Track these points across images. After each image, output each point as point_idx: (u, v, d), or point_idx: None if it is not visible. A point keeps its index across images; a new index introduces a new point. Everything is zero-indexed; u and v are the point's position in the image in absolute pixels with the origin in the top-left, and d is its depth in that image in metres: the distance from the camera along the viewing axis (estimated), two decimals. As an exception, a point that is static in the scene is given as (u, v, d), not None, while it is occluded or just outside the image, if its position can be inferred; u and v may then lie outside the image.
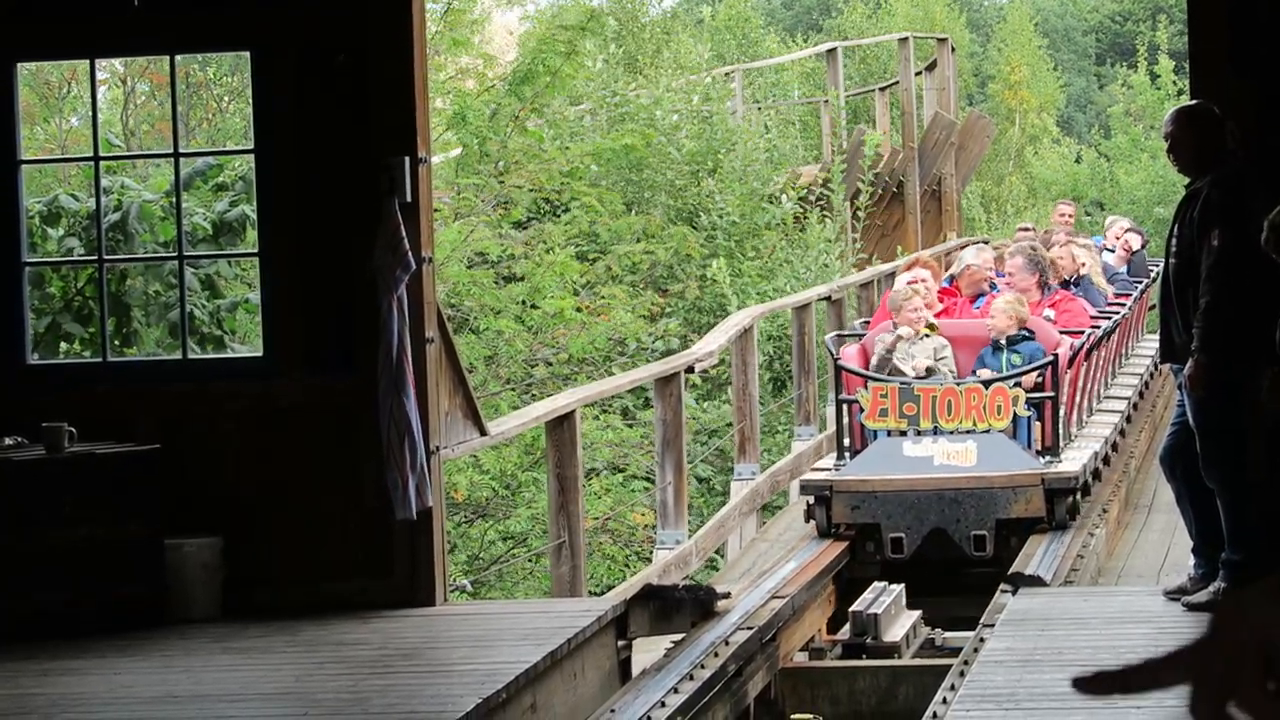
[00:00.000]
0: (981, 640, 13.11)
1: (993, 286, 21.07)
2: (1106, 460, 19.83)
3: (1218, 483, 12.80)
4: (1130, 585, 15.76)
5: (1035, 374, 17.73)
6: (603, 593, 16.00)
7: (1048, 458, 17.49)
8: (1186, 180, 13.01)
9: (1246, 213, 11.85)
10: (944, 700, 12.26)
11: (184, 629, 13.69)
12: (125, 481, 13.81)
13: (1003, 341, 18.14)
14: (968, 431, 17.10)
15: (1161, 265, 13.59)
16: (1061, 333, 19.28)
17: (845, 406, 18.11)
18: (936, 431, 17.22)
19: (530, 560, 24.33)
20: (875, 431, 17.68)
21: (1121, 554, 18.81)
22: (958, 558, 17.08)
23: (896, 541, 16.79)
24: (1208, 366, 12.51)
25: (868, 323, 21.47)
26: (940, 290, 20.76)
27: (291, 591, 14.11)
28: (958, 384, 17.59)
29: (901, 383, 17.44)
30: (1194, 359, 12.60)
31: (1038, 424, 17.74)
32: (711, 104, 36.36)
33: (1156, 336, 26.37)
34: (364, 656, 12.87)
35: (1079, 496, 17.50)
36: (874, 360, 18.18)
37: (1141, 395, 24.81)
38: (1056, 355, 18.00)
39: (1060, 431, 18.10)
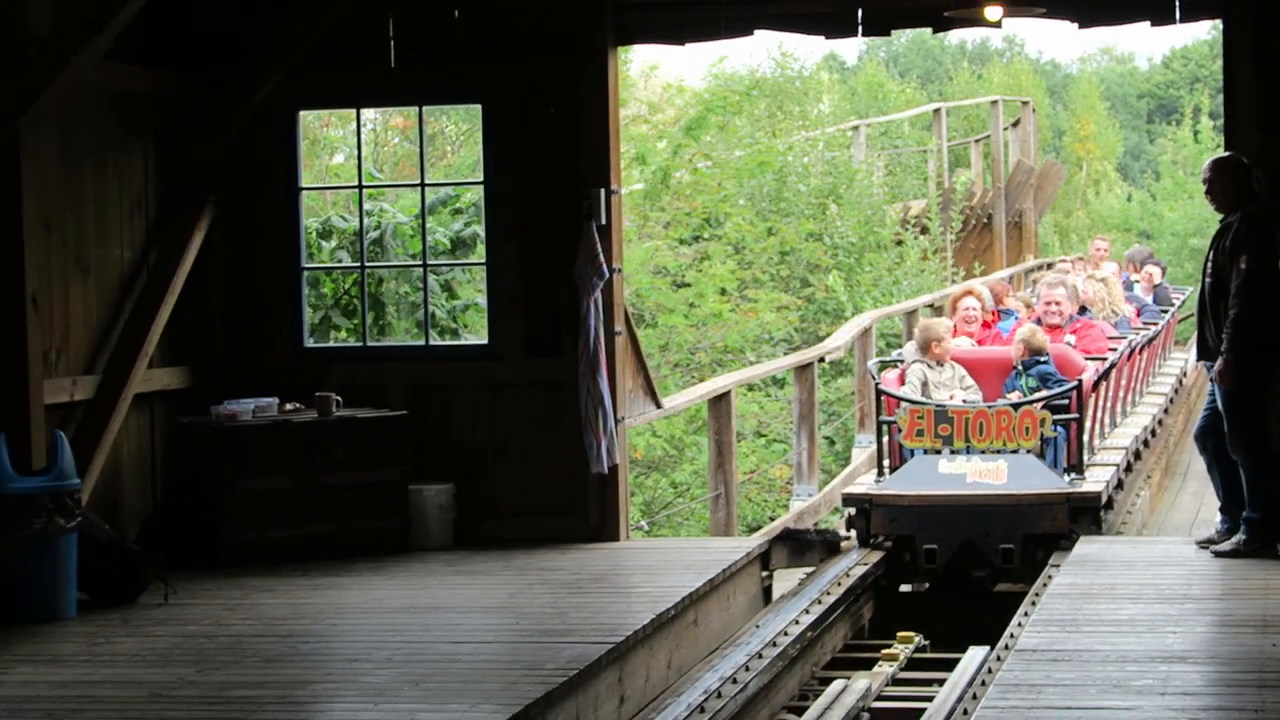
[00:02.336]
0: (1049, 577, 13.04)
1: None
2: (1129, 467, 17.99)
3: (1241, 456, 12.70)
4: (1168, 536, 15.65)
5: (1061, 396, 16.17)
6: (750, 533, 15.95)
7: (1073, 475, 15.75)
8: (1220, 216, 12.89)
9: (1270, 243, 11.75)
10: (1019, 624, 12.18)
11: (423, 555, 13.77)
12: (379, 439, 13.90)
13: (1020, 366, 16.69)
14: (998, 451, 15.45)
15: (1198, 284, 13.44)
16: (1087, 359, 17.85)
17: (885, 427, 16.38)
18: (969, 451, 15.55)
19: (693, 506, 24.30)
20: (912, 450, 15.91)
21: (1161, 511, 18.70)
22: (987, 570, 15.40)
23: (930, 553, 15.24)
24: (1235, 364, 12.42)
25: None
26: (984, 320, 18.93)
27: (507, 527, 14.17)
28: (989, 407, 15.92)
29: (937, 405, 15.95)
30: (1224, 358, 12.51)
31: (1065, 444, 16.05)
32: (835, 150, 36.28)
33: (1183, 350, 26.29)
34: (563, 579, 12.89)
35: (1102, 512, 15.75)
36: (906, 388, 16.50)
37: (1175, 394, 24.22)
38: (1080, 380, 16.44)
39: (1084, 451, 16.32)
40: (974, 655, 12.95)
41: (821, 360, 19.63)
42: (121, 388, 13.01)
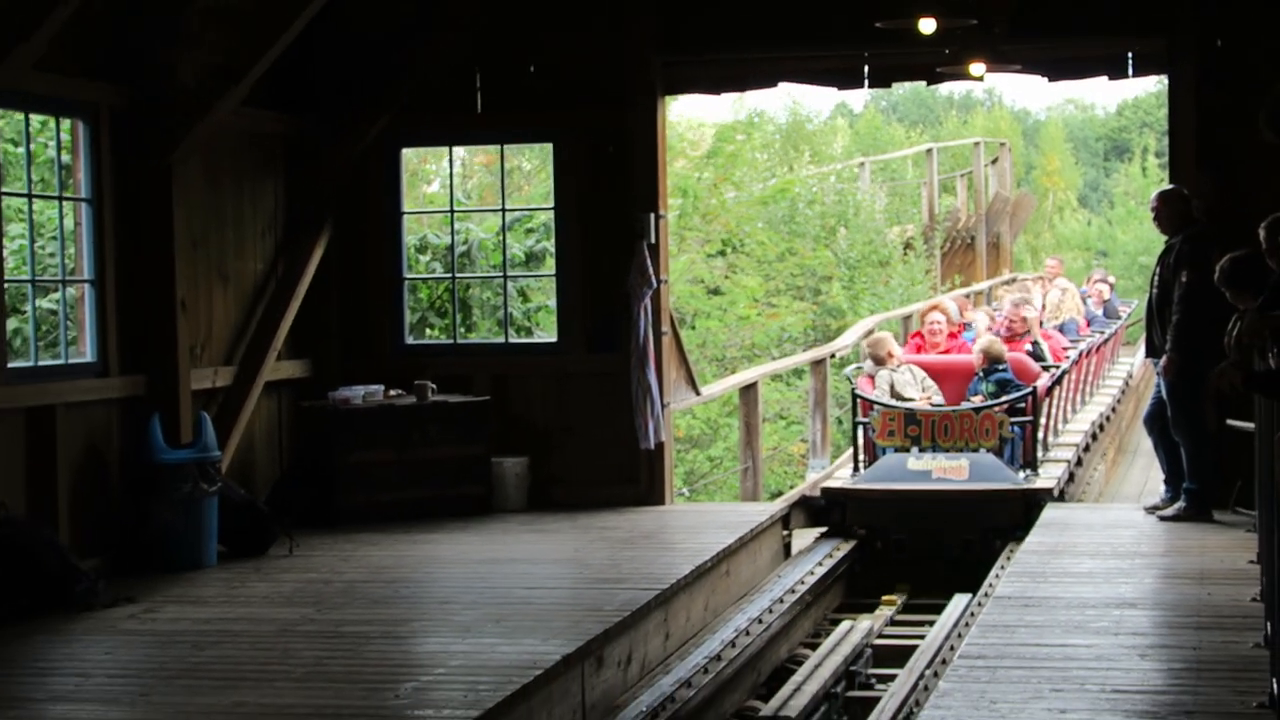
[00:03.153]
0: (1021, 537, 13.02)
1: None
2: (1080, 461, 17.07)
3: (1183, 438, 12.67)
4: (1121, 504, 15.60)
5: (1018, 400, 15.29)
6: (772, 499, 15.93)
7: (1028, 472, 14.97)
8: (1165, 238, 12.88)
9: (1206, 261, 11.73)
10: (997, 575, 12.19)
11: (502, 516, 13.78)
12: (466, 420, 13.92)
13: (981, 373, 15.98)
14: (961, 450, 14.73)
15: (1145, 294, 13.41)
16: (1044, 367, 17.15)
17: (860, 428, 15.55)
18: (935, 449, 14.88)
19: (725, 476, 24.30)
20: (884, 448, 15.20)
21: (1115, 483, 18.67)
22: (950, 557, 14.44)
23: (899, 543, 14.47)
24: (1178, 361, 12.40)
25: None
26: (950, 332, 17.95)
27: (572, 493, 14.17)
28: (953, 410, 15.28)
29: (907, 408, 15.30)
30: (1168, 355, 12.50)
31: (1021, 443, 15.18)
32: (844, 183, 36.26)
33: (1132, 351, 26.15)
34: (618, 537, 12.90)
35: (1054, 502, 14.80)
36: (876, 391, 15.84)
37: (1126, 388, 23.85)
38: (1035, 387, 15.61)
39: (1039, 448, 15.53)
40: (958, 601, 12.98)
41: (832, 356, 19.53)
42: (254, 377, 13.07)
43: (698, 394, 15.75)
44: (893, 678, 11.74)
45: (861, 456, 15.37)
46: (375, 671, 8.78)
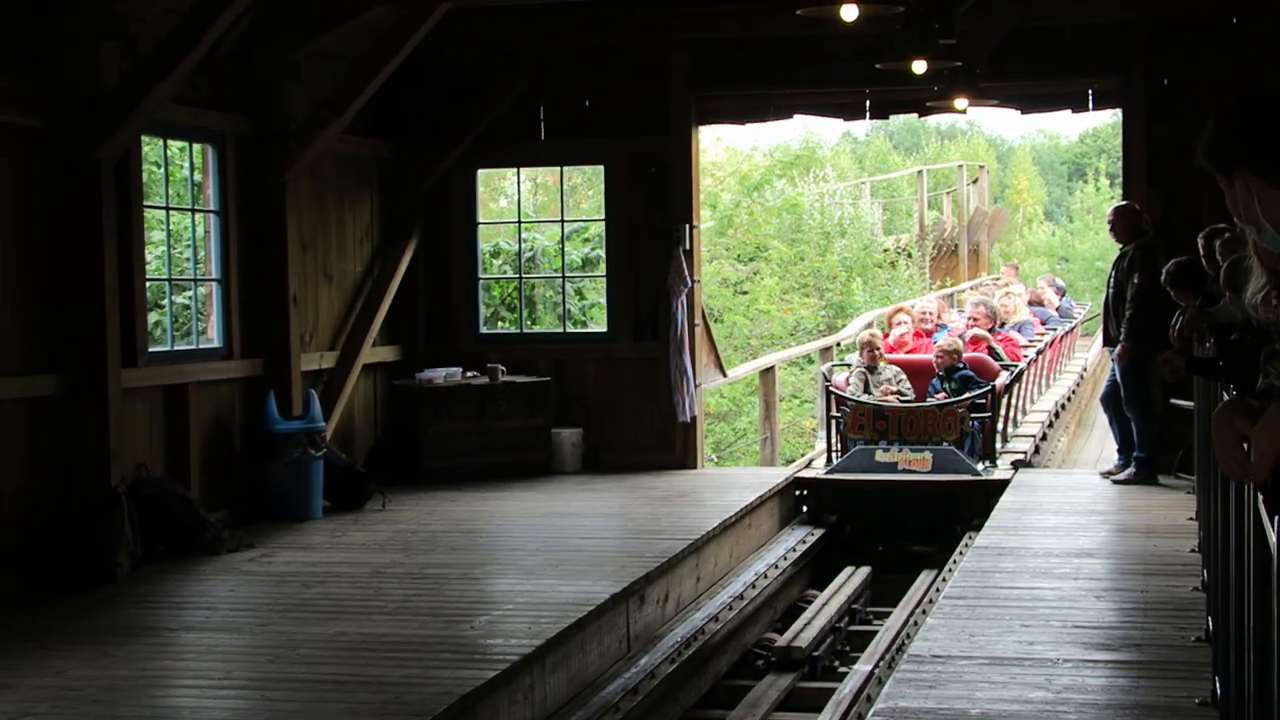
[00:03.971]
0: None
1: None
2: (1038, 449, 15.67)
3: (1134, 414, 12.61)
4: (1080, 469, 15.49)
5: (981, 396, 14.11)
6: (787, 465, 15.89)
7: (986, 463, 13.77)
8: (1120, 246, 12.80)
9: (1154, 266, 11.67)
10: (974, 529, 12.12)
11: (560, 478, 13.76)
12: (530, 397, 13.92)
13: (942, 372, 14.67)
14: (924, 443, 13.64)
15: (1103, 294, 13.30)
16: (1002, 367, 15.51)
17: (833, 421, 14.34)
18: (901, 442, 13.73)
19: (748, 445, 24.31)
20: (855, 441, 13.95)
21: (1075, 451, 18.54)
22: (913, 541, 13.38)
23: (869, 530, 13.45)
24: (1130, 350, 12.34)
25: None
26: (916, 332, 16.91)
27: (619, 459, 14.16)
28: (918, 406, 14.16)
29: (876, 404, 14.15)
30: (1122, 345, 12.43)
31: (980, 437, 14.04)
32: (850, 198, 36.19)
33: (1089, 343, 25.97)
34: (657, 495, 12.89)
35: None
36: (850, 389, 14.50)
37: (1084, 374, 23.53)
38: (994, 385, 14.41)
39: (996, 443, 14.29)
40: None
41: (838, 345, 19.45)
42: (353, 360, 13.09)
43: (724, 376, 15.71)
44: (888, 614, 11.73)
45: (836, 447, 14.32)
46: (454, 607, 8.80)
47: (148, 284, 10.93)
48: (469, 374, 13.91)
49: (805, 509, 13.78)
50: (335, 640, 8.00)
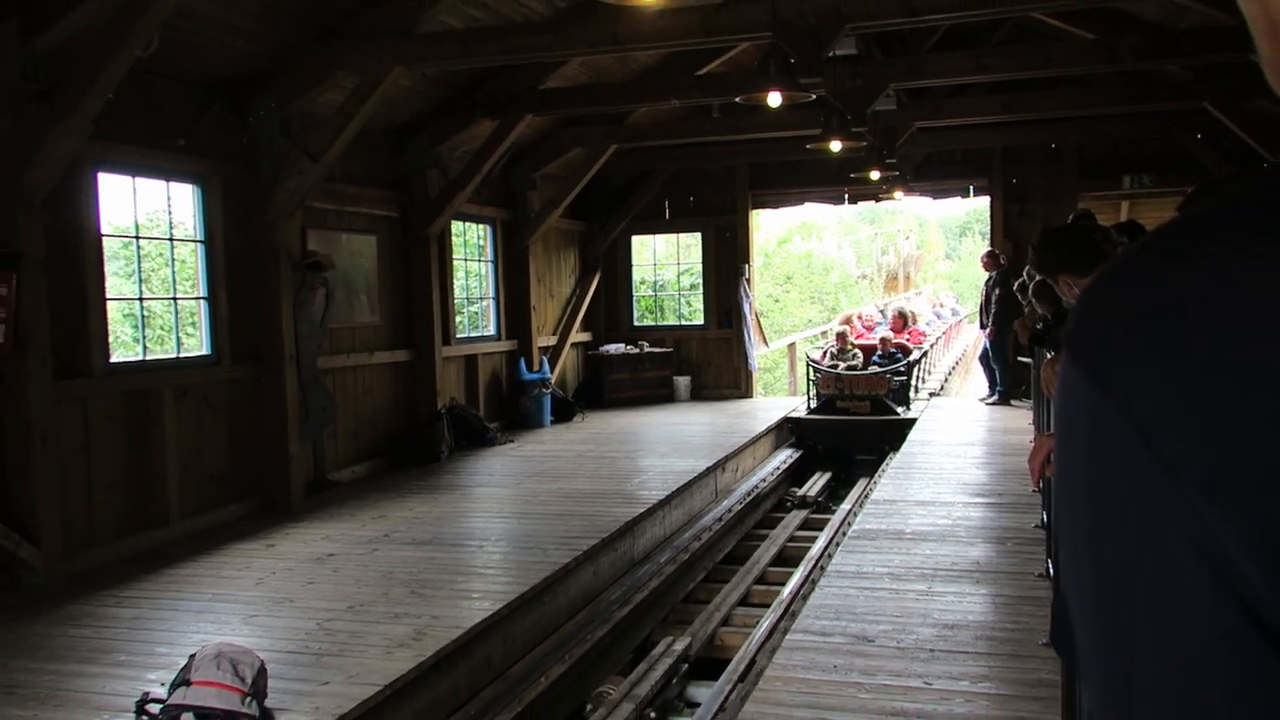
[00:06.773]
0: (917, 417, 12.30)
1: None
2: (946, 380, 14.53)
3: (997, 364, 12.27)
4: (965, 399, 15.09)
5: (902, 367, 12.69)
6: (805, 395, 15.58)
7: (903, 408, 12.31)
8: (987, 274, 12.40)
9: (1008, 285, 11.31)
10: (895, 449, 11.77)
11: (678, 404, 13.56)
12: (662, 360, 13.77)
13: (881, 352, 13.17)
14: (865, 396, 12.34)
15: (978, 302, 12.87)
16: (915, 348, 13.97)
17: (811, 384, 12.80)
18: (852, 394, 12.43)
19: (780, 380, 23.99)
20: (824, 395, 12.52)
21: (964, 387, 18.07)
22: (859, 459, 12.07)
23: (831, 451, 12.20)
24: (995, 330, 11.98)
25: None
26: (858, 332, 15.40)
27: (711, 393, 13.91)
28: (861, 373, 12.70)
29: (836, 373, 12.66)
30: (990, 327, 12.05)
31: (900, 390, 12.45)
32: (833, 247, 35.57)
33: (971, 327, 25.30)
34: (731, 411, 12.59)
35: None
36: (826, 363, 13.09)
37: (970, 347, 22.57)
38: (909, 360, 13.09)
39: (910, 392, 12.70)
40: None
41: (827, 332, 19.01)
42: (566, 340, 13.07)
43: (767, 346, 15.49)
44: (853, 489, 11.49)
45: (813, 399, 13.00)
46: (622, 472, 8.78)
47: (455, 300, 10.98)
48: (629, 348, 13.82)
49: (794, 437, 12.85)
50: (557, 491, 7.99)
